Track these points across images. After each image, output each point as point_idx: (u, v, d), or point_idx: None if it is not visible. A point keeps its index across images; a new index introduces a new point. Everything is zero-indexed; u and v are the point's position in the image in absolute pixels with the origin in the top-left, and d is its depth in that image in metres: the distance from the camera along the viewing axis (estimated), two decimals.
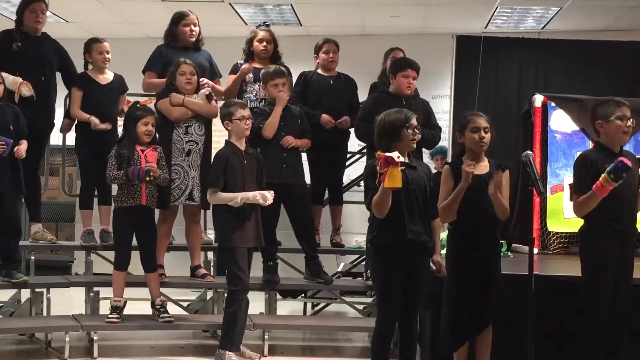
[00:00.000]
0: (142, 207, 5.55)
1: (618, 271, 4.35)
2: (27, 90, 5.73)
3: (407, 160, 4.27)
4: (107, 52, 6.20)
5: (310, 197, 6.18)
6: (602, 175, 4.20)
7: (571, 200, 4.50)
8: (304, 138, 5.91)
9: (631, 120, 4.42)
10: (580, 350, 4.41)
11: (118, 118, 6.24)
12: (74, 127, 6.27)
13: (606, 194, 4.22)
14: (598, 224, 4.38)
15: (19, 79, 5.75)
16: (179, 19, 6.26)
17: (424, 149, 5.88)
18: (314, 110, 6.16)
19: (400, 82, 5.59)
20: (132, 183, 5.49)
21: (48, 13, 6.30)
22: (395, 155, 4.02)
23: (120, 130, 6.02)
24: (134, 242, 5.66)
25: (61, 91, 6.49)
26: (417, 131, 4.34)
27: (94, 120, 6.01)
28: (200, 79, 5.97)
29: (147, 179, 5.40)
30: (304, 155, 6.11)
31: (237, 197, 5.13)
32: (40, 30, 6.10)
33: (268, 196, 5.16)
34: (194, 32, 6.25)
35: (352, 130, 6.16)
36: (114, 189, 6.12)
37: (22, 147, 5.51)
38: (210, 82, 6.16)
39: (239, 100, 5.70)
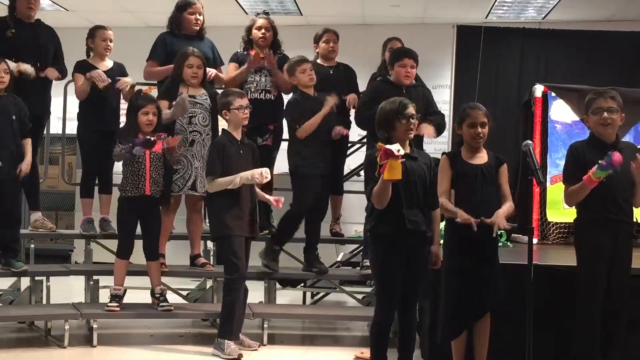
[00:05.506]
0: (147, 197, 5.52)
1: (613, 261, 4.33)
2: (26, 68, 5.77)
3: (408, 151, 4.23)
4: (110, 41, 6.19)
5: None
6: (593, 168, 4.17)
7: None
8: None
9: (608, 111, 4.31)
10: (575, 340, 4.41)
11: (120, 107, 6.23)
12: (75, 115, 6.25)
13: (594, 185, 4.19)
14: (591, 213, 4.36)
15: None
16: (185, 6, 6.22)
17: (425, 139, 5.84)
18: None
19: (399, 72, 5.56)
20: (136, 153, 5.40)
21: (48, 1, 6.27)
22: (395, 148, 3.94)
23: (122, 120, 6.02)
24: (138, 231, 5.65)
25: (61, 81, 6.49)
26: (413, 120, 4.26)
27: (96, 74, 5.95)
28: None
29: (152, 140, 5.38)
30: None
31: (236, 179, 5.13)
32: (33, 16, 6.07)
33: (263, 172, 5.15)
34: (198, 21, 6.22)
35: (352, 119, 6.15)
36: (115, 177, 6.13)
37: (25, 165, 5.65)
38: (213, 70, 6.13)
39: (238, 90, 5.65)
